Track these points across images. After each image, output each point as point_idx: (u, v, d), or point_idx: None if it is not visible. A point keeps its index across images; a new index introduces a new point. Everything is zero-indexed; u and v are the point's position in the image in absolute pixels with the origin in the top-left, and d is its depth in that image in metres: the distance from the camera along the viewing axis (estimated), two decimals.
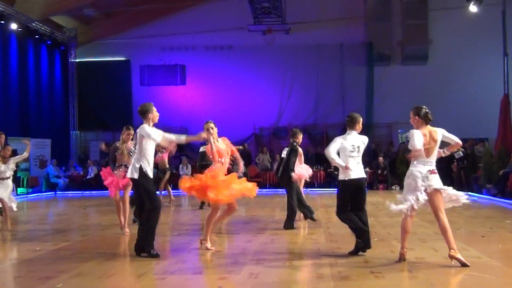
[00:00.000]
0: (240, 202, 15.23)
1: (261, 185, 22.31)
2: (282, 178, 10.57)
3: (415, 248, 7.74)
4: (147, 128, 7.68)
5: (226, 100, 24.80)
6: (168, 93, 25.88)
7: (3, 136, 11.47)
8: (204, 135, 8.03)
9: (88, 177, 23.15)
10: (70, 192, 22.29)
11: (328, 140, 9.41)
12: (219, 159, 8.02)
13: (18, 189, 20.19)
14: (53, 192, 22.14)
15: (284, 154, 10.61)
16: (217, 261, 7.39)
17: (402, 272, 6.49)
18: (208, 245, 8.04)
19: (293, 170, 10.33)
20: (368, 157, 20.05)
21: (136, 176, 7.61)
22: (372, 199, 15.94)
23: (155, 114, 7.82)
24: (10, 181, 11.17)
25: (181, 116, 24.87)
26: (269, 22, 24.13)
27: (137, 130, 7.77)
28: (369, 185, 20.50)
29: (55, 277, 6.44)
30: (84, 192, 22.02)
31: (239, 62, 25.34)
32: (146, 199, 7.66)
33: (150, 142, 7.67)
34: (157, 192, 17.61)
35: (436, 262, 6.84)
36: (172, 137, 7.97)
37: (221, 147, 8.12)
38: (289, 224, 10.17)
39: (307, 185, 10.54)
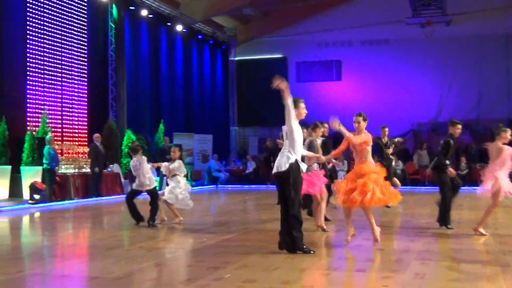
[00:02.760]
0: None
1: (419, 183, 21.74)
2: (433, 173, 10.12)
3: None
4: (296, 125, 7.55)
5: (383, 95, 24.34)
6: (324, 89, 26.00)
7: (178, 150, 11.23)
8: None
9: (247, 171, 23.89)
10: (230, 186, 23.12)
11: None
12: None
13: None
14: (215, 186, 23.07)
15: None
16: (380, 259, 7.28)
17: None
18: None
19: (446, 165, 9.59)
20: None
21: (284, 169, 7.38)
22: None
23: (301, 111, 7.67)
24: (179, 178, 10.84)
25: (337, 112, 24.41)
26: (428, 14, 23.31)
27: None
28: None
29: (223, 267, 6.68)
30: (243, 186, 22.75)
31: (396, 56, 24.79)
32: (292, 191, 7.36)
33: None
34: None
35: None
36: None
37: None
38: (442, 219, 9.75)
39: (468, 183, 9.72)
